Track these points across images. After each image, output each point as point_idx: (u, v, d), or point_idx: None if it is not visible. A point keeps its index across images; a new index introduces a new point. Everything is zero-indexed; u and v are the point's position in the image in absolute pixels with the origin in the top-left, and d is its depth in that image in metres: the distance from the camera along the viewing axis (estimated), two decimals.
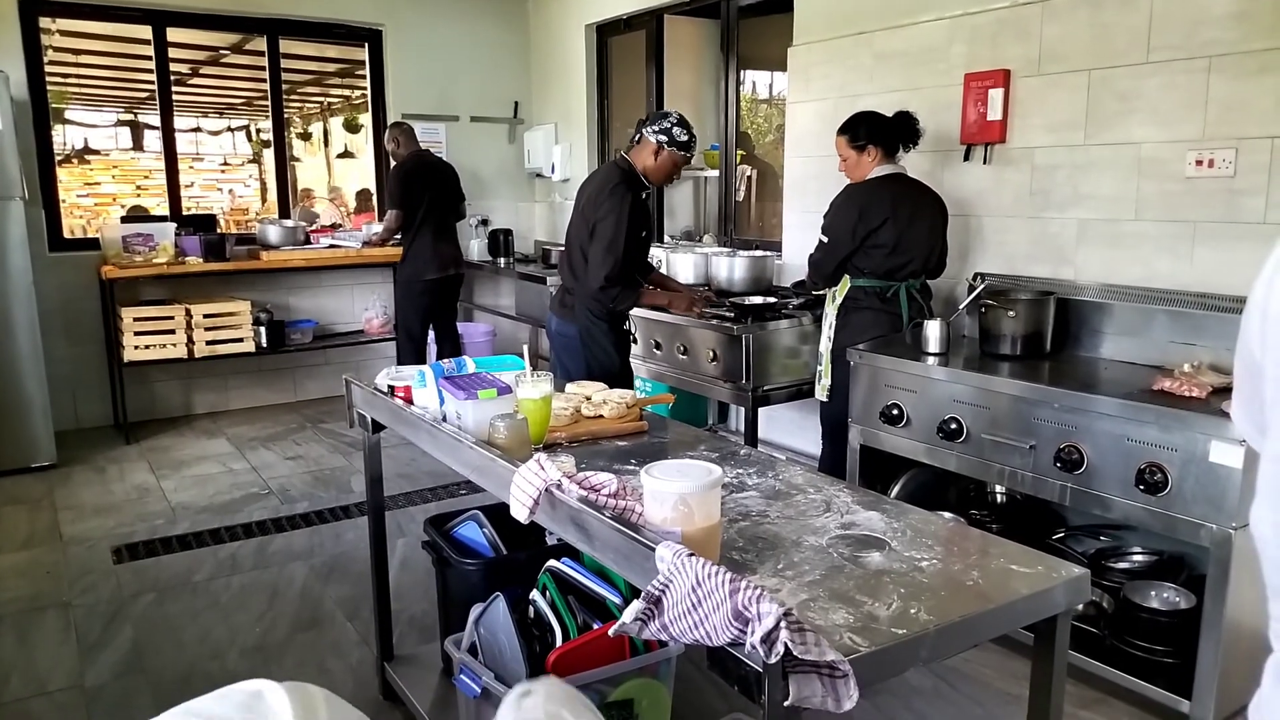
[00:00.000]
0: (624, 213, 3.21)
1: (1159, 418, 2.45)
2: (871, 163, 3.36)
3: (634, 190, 3.29)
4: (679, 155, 3.30)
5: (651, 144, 3.29)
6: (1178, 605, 2.72)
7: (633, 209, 3.24)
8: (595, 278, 3.25)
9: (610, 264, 3.22)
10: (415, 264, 5.40)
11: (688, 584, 1.23)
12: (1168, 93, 2.98)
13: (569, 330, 3.43)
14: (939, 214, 3.43)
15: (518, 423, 1.90)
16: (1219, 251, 2.90)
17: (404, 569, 3.53)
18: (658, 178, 3.37)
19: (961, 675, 2.80)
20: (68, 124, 8.05)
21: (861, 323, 3.39)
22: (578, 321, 3.39)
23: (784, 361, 3.83)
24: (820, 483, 1.85)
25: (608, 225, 3.23)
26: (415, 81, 6.30)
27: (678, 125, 3.27)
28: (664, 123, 3.27)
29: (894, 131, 3.37)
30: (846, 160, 3.42)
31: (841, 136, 3.42)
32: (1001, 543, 1.56)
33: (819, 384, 3.54)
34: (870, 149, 3.35)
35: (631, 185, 3.29)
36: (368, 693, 2.73)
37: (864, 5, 4.01)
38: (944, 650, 1.31)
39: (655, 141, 3.28)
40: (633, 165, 3.34)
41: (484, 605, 2.13)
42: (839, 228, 3.36)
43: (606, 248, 3.22)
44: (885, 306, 3.38)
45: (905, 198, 3.35)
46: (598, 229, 3.25)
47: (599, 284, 3.24)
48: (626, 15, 5.72)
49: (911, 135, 3.38)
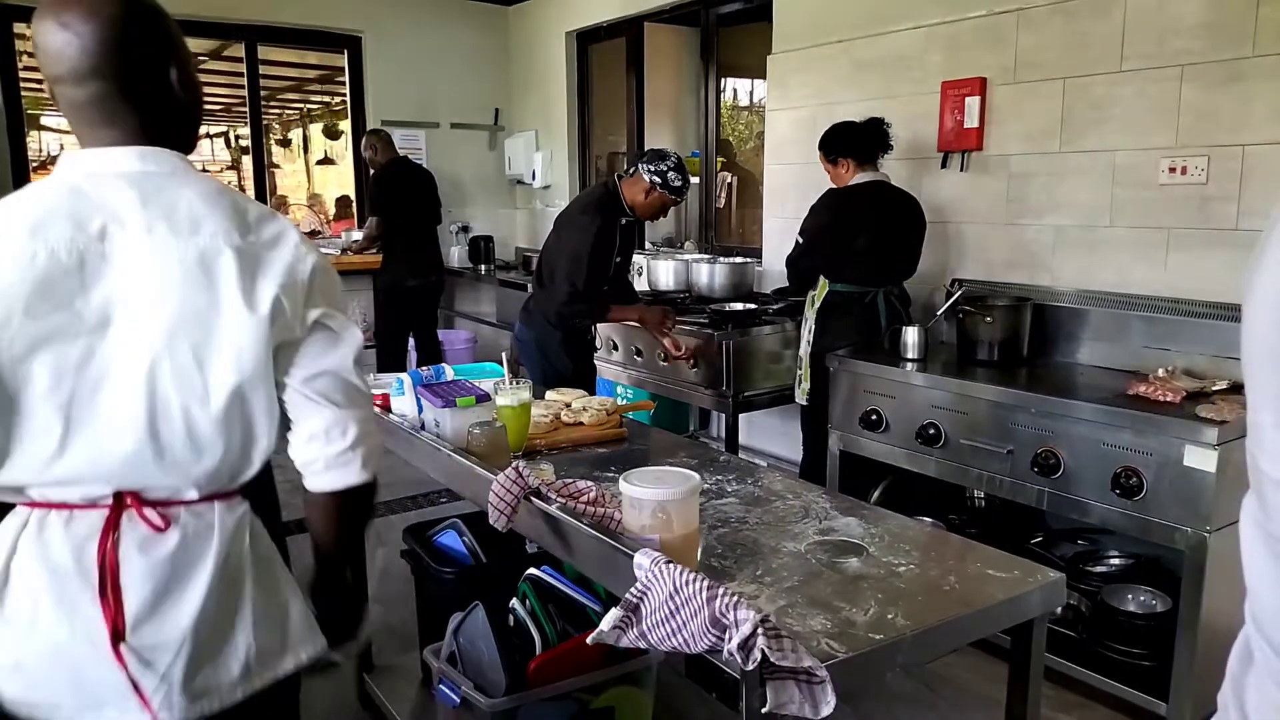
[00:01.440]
0: (590, 233, 3.29)
1: (1134, 422, 2.47)
2: (848, 173, 3.40)
3: (606, 215, 3.35)
4: (669, 198, 3.38)
5: (644, 182, 3.34)
6: (1154, 608, 2.74)
7: (600, 232, 3.30)
8: (560, 292, 3.34)
9: (572, 281, 3.30)
10: (394, 271, 5.39)
11: (665, 591, 1.23)
12: (1141, 101, 3.01)
13: (526, 336, 3.53)
14: (917, 222, 3.45)
15: (496, 430, 1.90)
16: (1192, 257, 2.93)
17: (384, 578, 3.48)
18: (645, 213, 3.46)
19: (942, 680, 2.81)
20: (45, 130, 7.99)
21: (840, 327, 3.41)
22: (535, 328, 3.48)
23: (766, 367, 3.84)
24: (799, 489, 1.85)
25: (574, 243, 3.32)
26: (395, 88, 6.29)
27: (674, 170, 3.33)
28: (661, 164, 3.32)
29: (864, 140, 3.38)
30: (828, 173, 3.49)
31: (820, 152, 3.48)
32: (978, 548, 1.57)
33: (799, 387, 3.56)
34: (843, 161, 3.40)
35: (607, 210, 3.36)
36: (346, 703, 2.71)
37: (842, 14, 4.04)
38: (921, 655, 1.32)
39: (649, 180, 3.33)
40: (621, 193, 3.40)
41: (463, 614, 2.12)
42: (813, 230, 3.42)
43: (570, 264, 3.31)
44: (864, 312, 3.41)
45: (882, 205, 3.37)
46: (565, 246, 3.36)
47: (563, 298, 3.33)
48: (607, 23, 5.73)
49: (883, 142, 3.39)
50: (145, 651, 1.14)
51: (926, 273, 3.75)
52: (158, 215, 1.15)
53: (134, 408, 1.12)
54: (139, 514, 1.15)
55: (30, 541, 1.15)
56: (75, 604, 1.12)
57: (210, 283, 1.15)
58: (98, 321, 1.11)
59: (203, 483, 1.19)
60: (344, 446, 1.25)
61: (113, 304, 1.12)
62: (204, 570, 1.17)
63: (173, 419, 1.14)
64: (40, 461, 1.12)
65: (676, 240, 6.00)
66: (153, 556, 1.15)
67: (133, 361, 1.12)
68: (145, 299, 1.12)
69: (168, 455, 1.15)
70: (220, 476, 1.20)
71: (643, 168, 3.34)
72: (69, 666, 1.13)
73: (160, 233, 1.14)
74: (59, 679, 1.14)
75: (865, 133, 3.39)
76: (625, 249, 3.55)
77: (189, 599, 1.16)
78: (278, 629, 1.25)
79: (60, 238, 1.10)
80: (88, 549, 1.13)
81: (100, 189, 1.14)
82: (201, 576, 1.17)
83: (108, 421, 1.12)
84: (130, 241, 1.13)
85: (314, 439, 1.25)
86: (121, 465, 1.14)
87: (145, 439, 1.13)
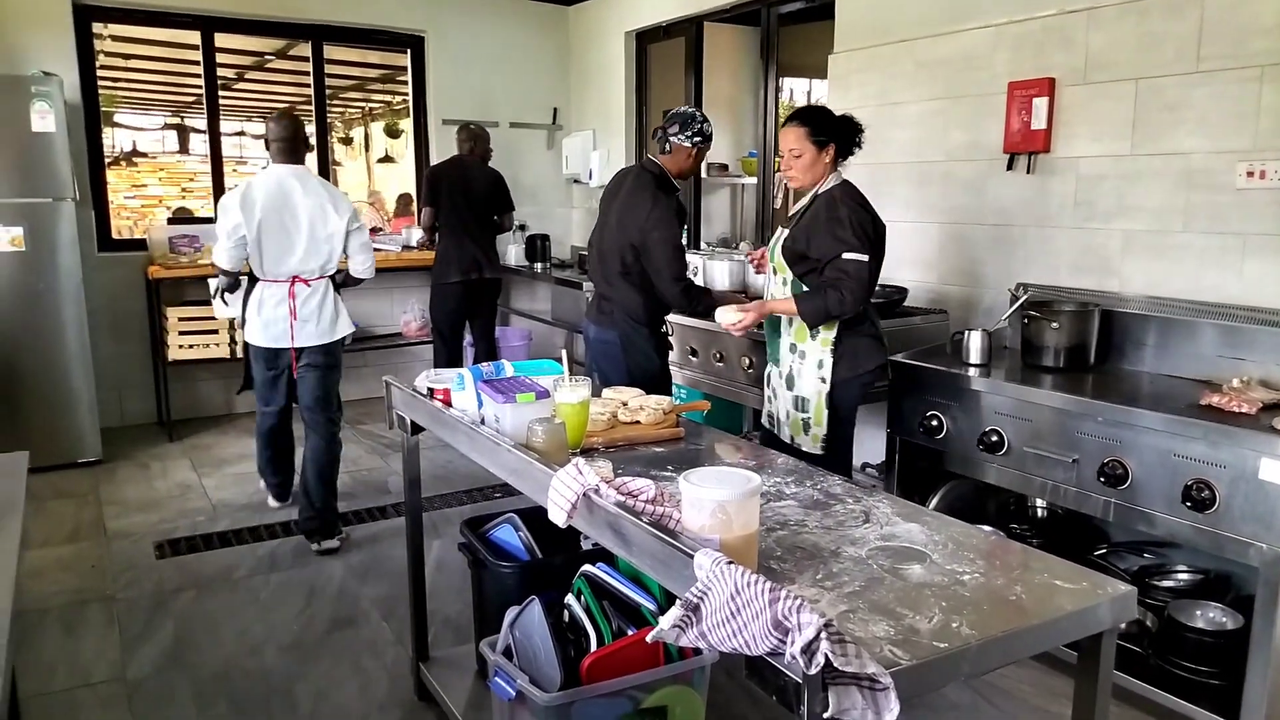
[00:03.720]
0: (675, 219, 3.36)
1: (1207, 433, 2.40)
2: (828, 165, 2.92)
3: (672, 195, 3.40)
4: (706, 148, 3.46)
5: (686, 147, 3.38)
6: (1224, 626, 2.66)
7: (680, 215, 3.42)
8: (671, 284, 3.32)
9: (680, 264, 3.34)
10: (438, 266, 5.43)
11: (726, 592, 1.22)
12: (1218, 103, 2.92)
13: (608, 336, 3.44)
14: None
15: (556, 427, 1.91)
16: (1271, 264, 2.83)
17: (439, 570, 3.55)
18: (690, 174, 3.57)
19: (999, 691, 2.76)
20: (117, 127, 8.24)
21: (863, 350, 2.93)
22: (616, 327, 3.41)
23: None
24: (859, 493, 1.83)
25: (665, 233, 3.30)
26: (456, 87, 6.37)
27: (704, 121, 3.40)
28: (694, 125, 3.36)
29: (849, 136, 2.95)
30: (801, 157, 2.89)
31: (802, 127, 2.89)
32: (1045, 557, 1.54)
33: (806, 434, 2.98)
34: (831, 148, 2.90)
35: (669, 190, 3.40)
36: (402, 693, 2.75)
37: (906, 13, 3.99)
38: (986, 665, 1.30)
39: (691, 145, 3.37)
40: (664, 170, 3.41)
41: (519, 608, 2.13)
42: (874, 239, 2.86)
43: (673, 254, 3.32)
44: (879, 330, 3.02)
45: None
46: (656, 236, 3.30)
47: (680, 286, 3.33)
48: (666, 23, 5.73)
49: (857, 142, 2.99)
50: (299, 322, 3.76)
51: (990, 276, 3.68)
52: (307, 187, 3.76)
53: (300, 248, 3.73)
54: (300, 282, 3.75)
55: (264, 290, 3.78)
56: (280, 306, 3.75)
57: (324, 209, 3.75)
58: (291, 219, 3.71)
59: (319, 272, 3.79)
60: (366, 265, 3.94)
61: (294, 215, 3.71)
62: (317, 298, 3.78)
63: (313, 252, 3.75)
64: (268, 265, 3.73)
65: (732, 241, 5.98)
66: (304, 295, 3.76)
67: (299, 234, 3.72)
68: (305, 214, 3.72)
69: (311, 263, 3.76)
70: (325, 270, 3.80)
71: (679, 138, 3.36)
72: (279, 328, 3.76)
73: (308, 191, 3.75)
74: (276, 331, 3.77)
75: (851, 128, 2.95)
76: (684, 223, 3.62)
77: (312, 306, 3.77)
78: (334, 321, 3.84)
79: (276, 190, 3.71)
80: (285, 293, 3.75)
81: (286, 177, 3.74)
82: (315, 300, 3.78)
83: (291, 252, 3.73)
84: (298, 195, 3.72)
85: (356, 262, 3.91)
86: (294, 267, 3.74)
87: (302, 258, 3.74)
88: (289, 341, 3.77)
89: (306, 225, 3.69)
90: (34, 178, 4.60)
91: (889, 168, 4.07)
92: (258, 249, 3.68)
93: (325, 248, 3.74)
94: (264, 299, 3.76)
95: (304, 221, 3.69)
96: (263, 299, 3.76)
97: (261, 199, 3.66)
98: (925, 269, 3.95)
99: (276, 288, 3.73)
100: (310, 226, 3.69)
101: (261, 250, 3.69)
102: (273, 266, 3.71)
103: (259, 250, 3.69)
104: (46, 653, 2.98)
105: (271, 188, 3.67)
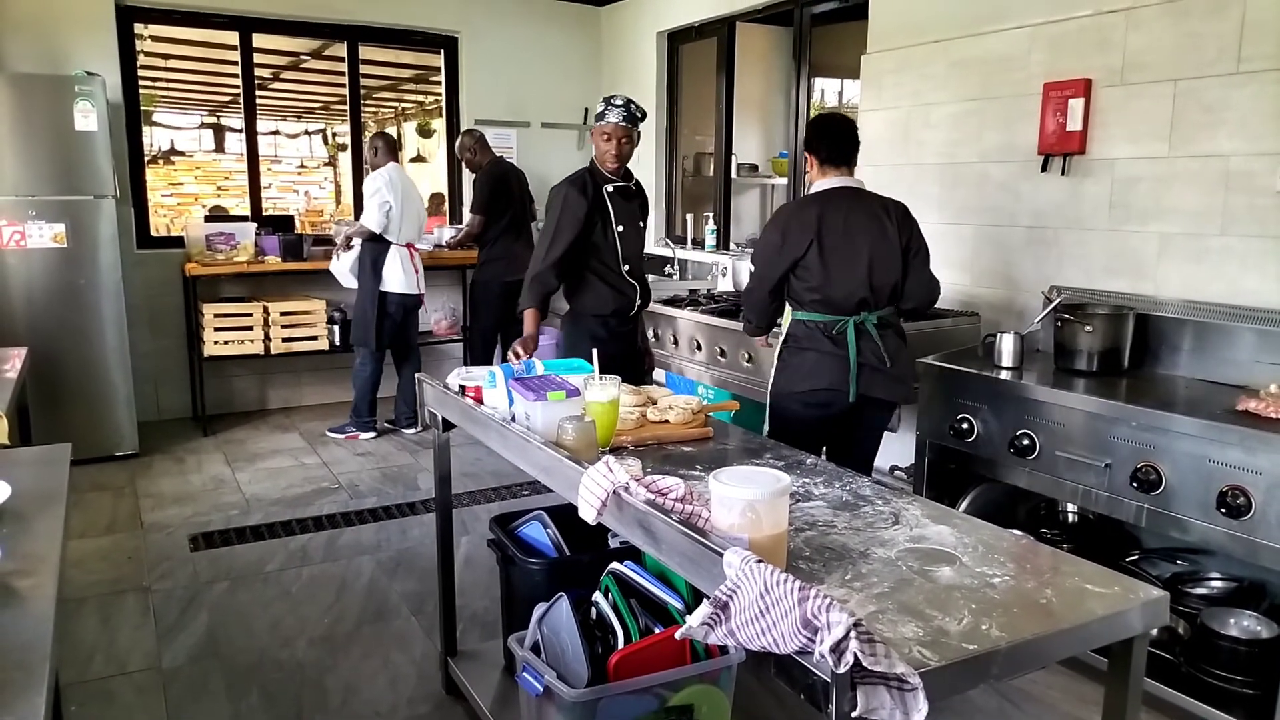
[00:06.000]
0: (558, 201, 3.37)
1: (1243, 439, 2.37)
2: (814, 174, 2.96)
3: (575, 186, 3.39)
4: (604, 128, 3.39)
5: (594, 134, 3.48)
6: (1259, 634, 2.62)
7: (566, 203, 3.35)
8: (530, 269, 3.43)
9: (540, 248, 3.39)
10: (496, 266, 5.51)
11: (756, 590, 1.23)
12: (1259, 104, 2.88)
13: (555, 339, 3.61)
14: (893, 233, 2.87)
15: (586, 425, 1.92)
16: None
17: (468, 566, 3.58)
18: (607, 160, 3.44)
19: (1028, 697, 2.74)
20: (155, 126, 8.37)
21: (802, 366, 2.90)
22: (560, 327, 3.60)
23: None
24: (889, 495, 1.83)
25: (546, 217, 3.46)
26: (489, 87, 6.41)
27: (606, 103, 3.42)
28: (598, 109, 3.43)
29: (832, 138, 2.92)
30: (809, 172, 3.03)
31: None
32: (1076, 561, 1.53)
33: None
34: (810, 157, 2.96)
35: (578, 178, 3.43)
36: (431, 686, 2.78)
37: (940, 13, 3.96)
38: (1015, 668, 1.29)
39: (595, 130, 3.45)
40: (591, 162, 3.51)
41: (548, 605, 2.15)
42: (763, 254, 2.95)
43: (541, 235, 3.43)
44: (834, 347, 2.85)
45: (840, 215, 2.83)
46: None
47: (530, 274, 3.42)
48: (698, 23, 5.73)
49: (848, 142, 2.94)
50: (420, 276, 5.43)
51: (1023, 279, 3.65)
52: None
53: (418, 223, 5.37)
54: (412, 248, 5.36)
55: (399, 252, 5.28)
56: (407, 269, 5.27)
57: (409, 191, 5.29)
58: (403, 190, 5.19)
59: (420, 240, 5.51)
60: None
61: (404, 192, 5.20)
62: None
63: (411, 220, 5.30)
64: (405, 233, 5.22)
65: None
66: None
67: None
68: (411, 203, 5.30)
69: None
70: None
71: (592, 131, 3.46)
72: (416, 277, 5.32)
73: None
74: (416, 279, 5.31)
75: (837, 128, 2.93)
76: (624, 218, 3.50)
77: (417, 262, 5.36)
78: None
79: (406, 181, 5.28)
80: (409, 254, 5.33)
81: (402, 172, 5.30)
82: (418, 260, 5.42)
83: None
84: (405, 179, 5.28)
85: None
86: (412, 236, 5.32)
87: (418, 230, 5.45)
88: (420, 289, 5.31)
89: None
90: (76, 176, 4.69)
91: (921, 169, 4.05)
92: (399, 221, 5.16)
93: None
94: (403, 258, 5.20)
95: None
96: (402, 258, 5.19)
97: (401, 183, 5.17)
98: (958, 271, 3.92)
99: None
100: (406, 200, 5.19)
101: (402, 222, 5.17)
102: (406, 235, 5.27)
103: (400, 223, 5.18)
104: (85, 641, 3.04)
105: (397, 178, 5.16)
